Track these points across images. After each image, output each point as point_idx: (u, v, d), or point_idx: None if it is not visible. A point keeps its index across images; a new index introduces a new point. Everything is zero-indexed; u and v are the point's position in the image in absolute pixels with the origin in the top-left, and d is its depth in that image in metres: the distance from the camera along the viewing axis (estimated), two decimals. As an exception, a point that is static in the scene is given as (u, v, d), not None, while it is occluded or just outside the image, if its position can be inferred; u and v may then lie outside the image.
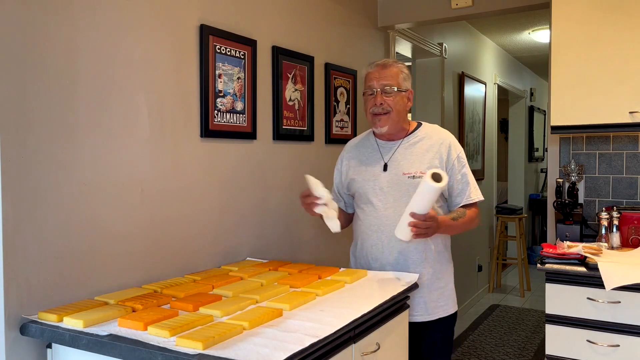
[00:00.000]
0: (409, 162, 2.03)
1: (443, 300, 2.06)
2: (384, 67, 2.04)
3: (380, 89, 2.01)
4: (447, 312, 2.07)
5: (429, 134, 2.08)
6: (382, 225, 2.03)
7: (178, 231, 1.99)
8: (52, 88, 1.56)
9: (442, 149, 2.03)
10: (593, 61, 2.41)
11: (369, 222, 2.07)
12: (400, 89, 2.03)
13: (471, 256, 5.25)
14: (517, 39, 5.66)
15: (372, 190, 2.05)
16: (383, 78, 2.02)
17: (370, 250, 2.07)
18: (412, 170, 2.01)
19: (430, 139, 2.07)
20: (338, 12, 3.01)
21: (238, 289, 1.73)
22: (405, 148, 2.06)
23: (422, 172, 1.98)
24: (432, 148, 2.04)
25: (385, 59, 2.09)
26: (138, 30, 1.83)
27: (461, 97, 4.85)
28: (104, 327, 1.41)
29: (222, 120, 2.17)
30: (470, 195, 2.04)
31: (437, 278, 2.05)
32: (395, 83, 2.02)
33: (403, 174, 2.01)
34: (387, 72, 2.03)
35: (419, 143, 2.06)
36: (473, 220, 2.05)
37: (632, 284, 1.95)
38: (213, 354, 1.22)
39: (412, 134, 2.09)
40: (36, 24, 1.52)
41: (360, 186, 2.09)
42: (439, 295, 2.05)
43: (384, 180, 2.04)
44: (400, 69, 2.05)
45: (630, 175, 2.71)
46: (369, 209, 2.06)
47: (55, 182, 1.57)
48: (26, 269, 1.50)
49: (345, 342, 1.48)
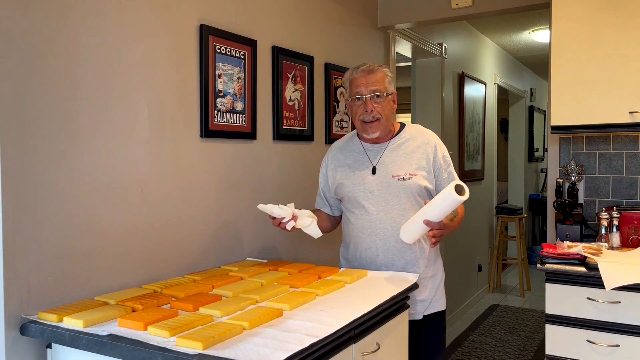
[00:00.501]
0: (398, 164, 2.04)
1: (438, 295, 2.11)
2: (370, 72, 2.02)
3: (369, 95, 2.00)
4: (441, 307, 2.12)
5: (414, 135, 2.10)
6: (375, 229, 2.04)
7: (178, 231, 1.99)
8: (52, 88, 1.56)
9: (428, 149, 2.05)
10: (593, 61, 2.41)
11: (362, 225, 2.07)
12: (387, 94, 2.03)
13: (471, 256, 5.25)
14: (517, 39, 5.66)
15: (362, 194, 2.06)
16: (371, 84, 2.00)
17: (365, 254, 2.08)
18: (401, 172, 2.02)
19: (415, 139, 2.08)
20: (338, 12, 3.01)
21: (238, 289, 1.73)
22: (392, 150, 2.07)
23: (411, 174, 2.01)
24: (419, 149, 2.06)
25: (370, 64, 2.06)
26: (138, 30, 1.83)
27: (461, 97, 4.85)
28: (104, 327, 1.41)
29: (222, 120, 2.17)
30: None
31: (432, 275, 2.09)
32: (382, 88, 2.01)
33: (392, 176, 2.02)
34: (374, 78, 2.01)
35: (405, 144, 2.08)
36: (462, 216, 2.11)
37: (632, 284, 1.95)
38: (213, 354, 1.22)
39: (398, 136, 2.10)
40: (36, 24, 1.52)
41: (350, 190, 2.08)
42: (434, 291, 2.09)
43: (374, 183, 2.04)
44: (385, 73, 2.05)
45: (630, 175, 2.71)
46: (361, 213, 2.07)
47: (56, 182, 1.57)
48: (26, 269, 1.50)
49: (345, 342, 1.48)
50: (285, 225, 1.94)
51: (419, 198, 2.03)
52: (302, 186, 2.67)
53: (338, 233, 2.29)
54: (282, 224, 1.95)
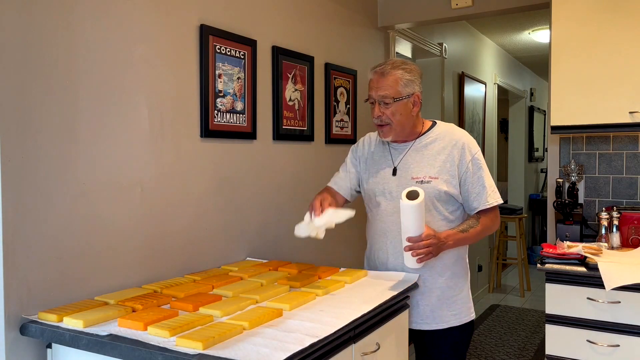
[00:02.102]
0: (419, 165, 1.96)
1: (455, 309, 1.98)
2: (382, 76, 1.93)
3: (378, 100, 1.94)
4: (459, 321, 1.98)
5: (442, 135, 2.00)
6: (387, 230, 1.99)
7: (178, 231, 1.99)
8: (52, 88, 1.56)
9: (454, 151, 1.95)
10: (593, 61, 2.41)
11: (376, 226, 2.04)
12: (399, 98, 1.91)
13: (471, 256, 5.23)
14: (517, 39, 5.66)
15: (381, 193, 2.00)
16: (380, 88, 1.92)
17: (378, 255, 2.05)
18: (420, 174, 1.94)
19: (442, 140, 1.98)
20: (338, 12, 3.01)
21: (238, 289, 1.73)
22: (416, 150, 1.99)
23: (431, 177, 1.92)
24: (444, 150, 1.96)
25: (385, 65, 1.95)
26: (138, 30, 1.83)
27: (461, 97, 4.85)
28: (104, 327, 1.41)
29: (222, 120, 2.17)
30: (487, 199, 1.93)
31: (449, 287, 1.98)
32: (392, 93, 1.91)
33: (412, 178, 1.95)
34: (385, 82, 1.92)
35: (431, 145, 1.98)
36: (489, 227, 1.97)
37: (632, 284, 1.95)
38: (213, 354, 1.22)
39: (425, 135, 2.01)
40: (37, 25, 1.52)
41: (370, 188, 2.04)
42: (450, 304, 1.97)
43: (393, 184, 1.98)
44: (400, 76, 1.92)
45: (630, 175, 2.71)
46: (377, 212, 2.03)
47: (55, 182, 1.57)
48: (26, 269, 1.50)
49: (345, 342, 1.48)
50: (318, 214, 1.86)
51: (437, 203, 1.93)
52: (302, 186, 2.67)
53: (338, 234, 2.29)
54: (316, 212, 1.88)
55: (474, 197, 1.94)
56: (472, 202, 1.95)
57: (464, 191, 1.95)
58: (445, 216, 1.96)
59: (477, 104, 5.33)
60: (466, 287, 2.05)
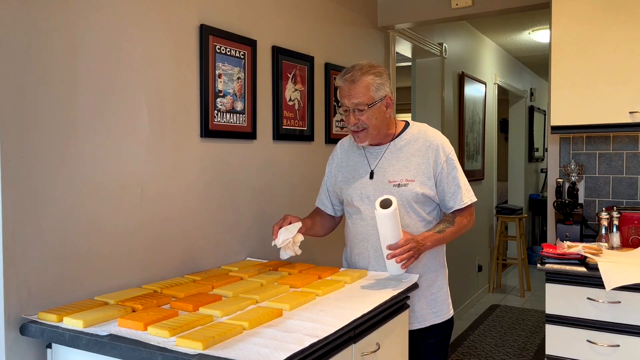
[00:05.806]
0: (395, 169, 1.97)
1: (436, 307, 2.02)
2: (352, 83, 1.90)
3: (352, 108, 1.92)
4: (441, 318, 2.03)
5: (416, 136, 2.01)
6: (368, 235, 2.00)
7: (178, 231, 1.99)
8: (52, 88, 1.56)
9: (429, 152, 1.96)
10: (593, 61, 2.41)
11: (356, 230, 2.04)
12: (373, 103, 1.91)
13: (471, 256, 5.25)
14: (517, 39, 5.66)
15: (359, 197, 2.01)
16: (353, 96, 1.90)
17: (358, 259, 2.06)
18: (397, 178, 1.95)
19: (417, 141, 1.99)
20: (338, 12, 3.01)
21: (238, 289, 1.73)
22: (391, 153, 2.00)
23: (407, 180, 1.94)
24: (419, 152, 1.97)
25: (354, 72, 1.91)
26: (138, 30, 1.83)
27: (461, 97, 4.86)
28: (104, 327, 1.41)
29: (222, 120, 2.17)
30: (462, 198, 1.97)
31: (428, 285, 2.01)
32: (366, 99, 1.89)
33: (389, 182, 1.96)
34: (356, 89, 1.89)
35: (406, 147, 2.00)
36: (465, 226, 2.00)
37: (632, 284, 1.95)
38: (213, 354, 1.22)
39: (399, 137, 2.02)
40: (37, 24, 1.52)
41: (348, 193, 2.05)
42: (430, 302, 2.01)
43: (371, 188, 1.99)
44: (371, 81, 1.90)
45: (630, 175, 2.71)
46: (356, 217, 2.04)
47: (55, 182, 1.57)
48: (26, 269, 1.50)
49: (345, 342, 1.48)
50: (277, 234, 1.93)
51: (415, 205, 1.96)
52: (302, 186, 2.67)
53: (338, 234, 2.29)
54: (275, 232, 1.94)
55: (449, 197, 1.98)
56: (448, 201, 1.99)
57: (440, 191, 1.98)
58: (423, 217, 1.99)
59: (477, 104, 5.33)
60: (445, 285, 2.10)
